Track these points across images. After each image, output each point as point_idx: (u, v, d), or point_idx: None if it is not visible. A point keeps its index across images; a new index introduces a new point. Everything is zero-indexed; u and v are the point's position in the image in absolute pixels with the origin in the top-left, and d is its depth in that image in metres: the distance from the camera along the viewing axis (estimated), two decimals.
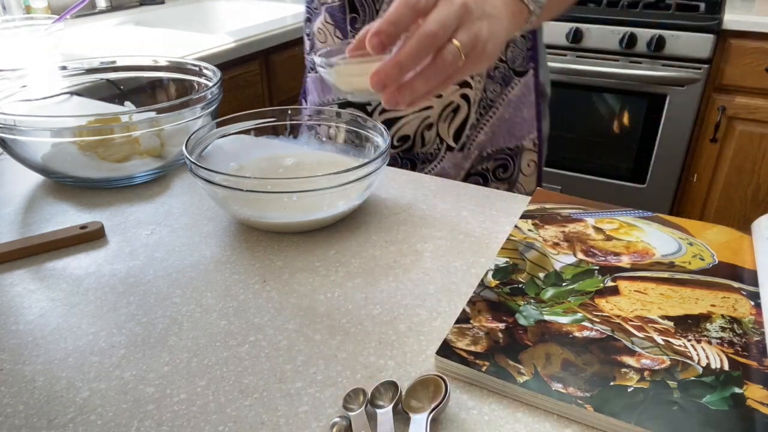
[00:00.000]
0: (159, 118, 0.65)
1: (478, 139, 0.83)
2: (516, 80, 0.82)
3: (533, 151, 0.87)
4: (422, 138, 0.82)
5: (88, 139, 0.66)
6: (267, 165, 0.69)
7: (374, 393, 0.39)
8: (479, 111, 0.81)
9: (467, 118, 0.81)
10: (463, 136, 0.82)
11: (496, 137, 0.84)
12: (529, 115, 0.85)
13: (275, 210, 0.58)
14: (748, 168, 1.85)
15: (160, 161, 0.71)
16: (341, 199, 0.58)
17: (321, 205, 0.58)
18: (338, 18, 0.77)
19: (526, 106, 0.84)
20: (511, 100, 0.82)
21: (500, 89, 0.81)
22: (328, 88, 0.84)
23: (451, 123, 0.81)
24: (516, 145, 0.85)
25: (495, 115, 0.82)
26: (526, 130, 0.85)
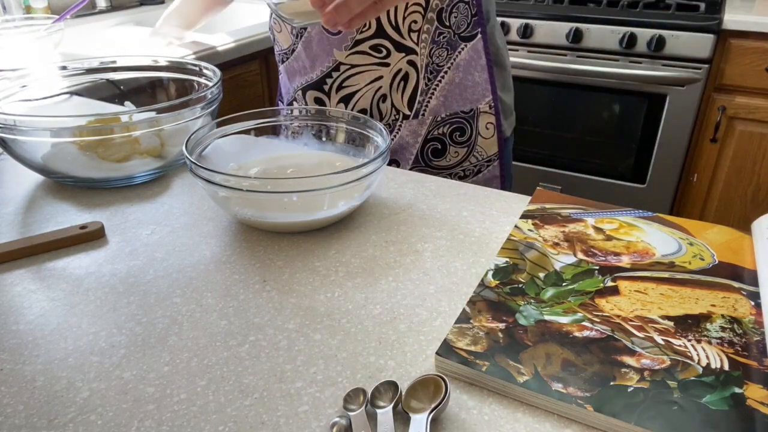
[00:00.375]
0: (159, 118, 0.65)
1: (431, 104, 0.86)
2: (462, 45, 0.84)
3: (490, 113, 0.88)
4: (379, 110, 0.85)
5: (88, 139, 0.66)
6: (267, 165, 0.69)
7: (374, 393, 0.39)
8: (427, 76, 0.84)
9: (417, 84, 0.84)
10: (416, 103, 0.85)
11: (448, 102, 0.86)
12: (481, 78, 0.86)
13: (275, 210, 0.58)
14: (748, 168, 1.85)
15: (160, 161, 0.71)
16: (341, 199, 0.58)
17: (321, 205, 0.58)
18: None
19: (477, 70, 0.86)
20: (459, 64, 0.84)
21: (446, 54, 0.83)
22: (292, 76, 0.89)
23: (404, 92, 0.84)
24: (471, 108, 0.87)
25: (444, 79, 0.85)
26: (480, 93, 0.87)
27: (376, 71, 0.82)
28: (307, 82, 0.87)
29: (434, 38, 0.82)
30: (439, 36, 0.82)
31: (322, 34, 0.81)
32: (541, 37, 1.92)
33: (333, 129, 0.72)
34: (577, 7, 1.89)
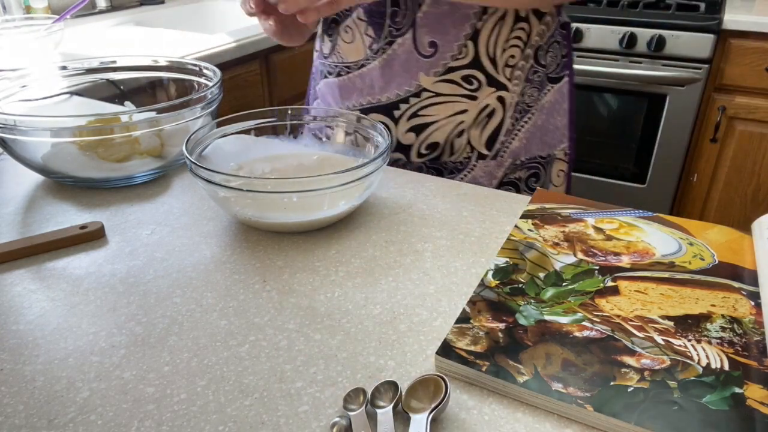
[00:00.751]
0: (159, 118, 0.65)
1: (512, 146, 0.80)
2: (549, 86, 0.80)
3: (563, 161, 0.84)
4: (452, 146, 0.79)
5: (88, 139, 0.66)
6: (267, 165, 0.69)
7: (374, 393, 0.39)
8: (515, 116, 0.78)
9: (502, 123, 0.78)
10: (497, 143, 0.78)
11: (529, 144, 0.81)
12: (561, 123, 0.82)
13: (275, 210, 0.58)
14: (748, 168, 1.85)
15: (160, 161, 0.71)
16: (342, 199, 0.58)
17: (321, 205, 0.58)
18: (375, 14, 0.73)
19: (560, 114, 0.82)
20: (543, 106, 0.80)
21: (537, 94, 0.79)
22: (348, 93, 0.81)
23: (485, 129, 0.78)
24: (548, 153, 0.82)
25: (530, 121, 0.79)
26: (558, 139, 0.83)
27: (462, 104, 0.76)
28: (371, 103, 0.79)
29: (528, 76, 0.78)
30: (533, 74, 0.78)
31: (410, 53, 0.74)
32: None
33: (333, 129, 0.71)
34: (577, 7, 1.89)
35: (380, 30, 0.74)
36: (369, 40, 0.75)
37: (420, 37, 0.72)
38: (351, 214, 0.63)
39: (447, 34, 0.69)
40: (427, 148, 0.79)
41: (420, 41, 0.72)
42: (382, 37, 0.74)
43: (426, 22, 0.71)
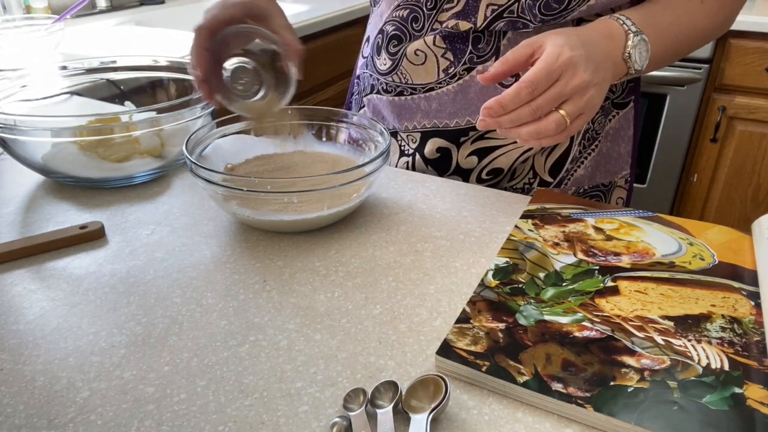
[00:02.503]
0: (159, 118, 0.65)
1: (577, 174, 0.75)
2: (614, 112, 0.76)
3: (623, 188, 0.80)
4: (514, 171, 0.74)
5: (88, 139, 0.66)
6: (267, 164, 0.69)
7: (374, 393, 0.39)
8: (583, 143, 0.74)
9: (569, 150, 0.73)
10: (563, 171, 0.74)
11: (593, 173, 0.77)
12: (624, 150, 0.78)
13: (275, 210, 0.58)
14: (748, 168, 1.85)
15: (160, 161, 0.71)
16: (341, 198, 0.58)
17: (321, 205, 0.58)
18: (456, 40, 0.68)
19: (624, 141, 0.78)
20: (608, 133, 0.76)
21: (604, 121, 0.75)
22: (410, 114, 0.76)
23: (550, 155, 0.73)
24: (610, 181, 0.79)
25: (596, 148, 0.76)
26: (620, 166, 0.79)
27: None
28: (436, 126, 0.74)
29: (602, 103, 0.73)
30: (605, 101, 0.73)
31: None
32: None
33: (333, 129, 0.71)
34: None
35: (461, 55, 0.68)
36: (446, 63, 0.70)
37: None
38: (351, 214, 0.63)
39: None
40: (489, 174, 0.74)
41: None
42: (462, 62, 0.69)
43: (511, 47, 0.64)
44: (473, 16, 0.66)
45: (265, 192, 0.55)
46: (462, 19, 0.66)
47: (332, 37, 1.76)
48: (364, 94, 0.82)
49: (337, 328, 0.47)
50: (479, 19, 0.65)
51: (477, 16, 0.65)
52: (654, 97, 1.86)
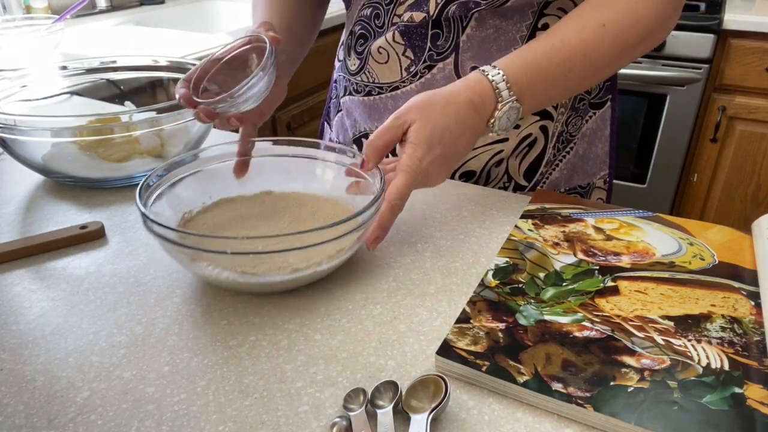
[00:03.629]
0: (159, 118, 0.65)
1: (552, 177, 0.75)
2: (591, 112, 0.75)
3: (603, 189, 0.80)
4: (488, 174, 0.73)
5: (88, 139, 0.66)
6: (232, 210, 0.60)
7: (374, 393, 0.39)
8: (557, 146, 0.73)
9: (543, 153, 0.72)
10: (537, 174, 0.73)
11: (570, 175, 0.76)
12: (602, 150, 0.77)
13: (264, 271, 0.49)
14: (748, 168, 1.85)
15: (160, 161, 0.71)
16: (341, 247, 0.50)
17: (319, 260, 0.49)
18: (414, 36, 0.67)
19: (601, 141, 0.77)
20: (585, 134, 0.75)
21: (580, 122, 0.74)
22: (379, 114, 0.75)
23: (524, 158, 0.72)
24: (588, 183, 0.78)
25: (572, 151, 0.75)
26: (598, 167, 0.78)
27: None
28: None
29: (574, 104, 0.72)
30: (579, 102, 0.73)
31: (451, 79, 0.68)
32: None
33: (304, 162, 0.62)
34: None
35: (420, 52, 0.68)
36: (407, 62, 0.69)
37: (462, 62, 0.67)
38: None
39: (491, 58, 0.63)
40: (462, 176, 0.74)
41: (462, 66, 0.67)
42: (422, 60, 0.68)
43: (470, 46, 0.66)
44: (425, 5, 0.65)
45: (255, 254, 0.46)
46: (416, 10, 0.65)
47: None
48: (340, 97, 0.81)
49: (337, 328, 0.47)
50: (431, 7, 0.64)
51: (429, 5, 0.64)
52: (654, 97, 1.86)
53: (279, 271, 0.48)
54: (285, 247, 0.45)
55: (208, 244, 0.46)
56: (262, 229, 0.57)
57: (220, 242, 0.46)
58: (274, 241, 0.46)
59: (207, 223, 0.58)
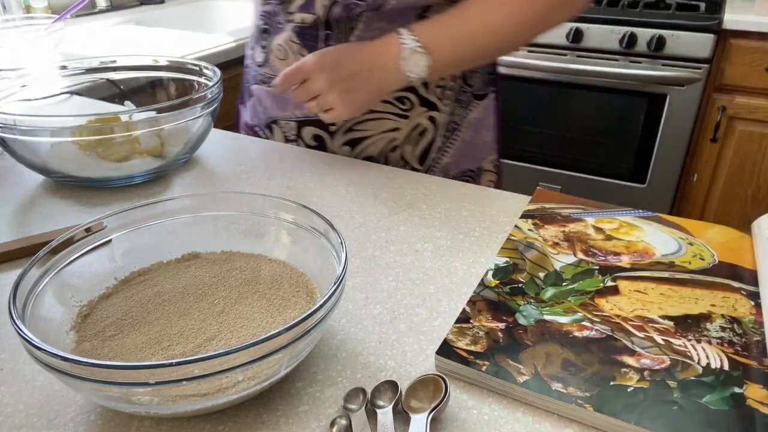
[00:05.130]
0: (159, 117, 0.65)
1: (443, 161, 0.82)
2: (475, 103, 0.82)
3: (492, 172, 0.87)
4: (386, 159, 0.80)
5: (88, 139, 0.66)
6: (141, 290, 0.47)
7: (374, 393, 0.39)
8: (444, 134, 0.81)
9: (433, 141, 0.80)
10: (429, 159, 0.81)
11: (459, 159, 0.83)
12: (489, 137, 0.85)
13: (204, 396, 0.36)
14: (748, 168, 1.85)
15: (160, 161, 0.70)
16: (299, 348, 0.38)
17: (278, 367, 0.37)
18: (308, 37, 0.73)
19: (487, 129, 0.84)
20: (470, 123, 0.82)
21: (464, 112, 0.82)
22: (284, 105, 0.80)
23: (417, 145, 0.80)
24: (477, 166, 0.85)
25: (459, 138, 0.82)
26: (486, 152, 0.86)
27: (394, 122, 0.77)
28: (307, 116, 0.79)
29: (458, 96, 0.80)
30: (462, 94, 0.80)
31: None
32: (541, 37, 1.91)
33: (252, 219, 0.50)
34: None
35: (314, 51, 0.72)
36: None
37: None
38: (350, 215, 0.63)
39: None
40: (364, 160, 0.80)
41: None
42: None
43: None
44: (312, 6, 0.70)
45: (186, 380, 0.33)
46: (306, 12, 0.71)
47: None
48: (250, 84, 0.86)
49: (337, 328, 0.47)
50: (318, 8, 0.70)
51: (316, 6, 0.70)
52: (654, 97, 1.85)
53: (225, 392, 0.36)
54: (232, 363, 0.33)
55: (114, 375, 0.32)
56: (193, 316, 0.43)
57: (134, 373, 0.32)
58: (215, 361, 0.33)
59: (111, 317, 0.43)
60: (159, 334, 0.42)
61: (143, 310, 0.44)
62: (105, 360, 0.39)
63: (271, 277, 0.47)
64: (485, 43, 0.68)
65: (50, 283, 0.42)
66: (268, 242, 0.50)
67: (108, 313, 0.44)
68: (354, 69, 0.65)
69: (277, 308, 0.44)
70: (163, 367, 0.32)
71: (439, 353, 0.42)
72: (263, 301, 0.45)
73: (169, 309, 0.45)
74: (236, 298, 0.45)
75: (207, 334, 0.41)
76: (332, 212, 0.63)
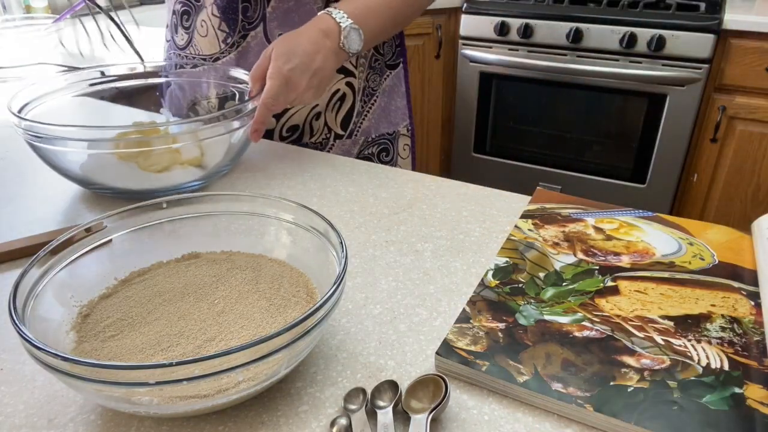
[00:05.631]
0: (200, 128, 0.62)
1: (364, 125, 0.90)
2: (388, 72, 0.91)
3: (407, 136, 0.97)
4: (311, 128, 0.86)
5: (127, 151, 0.62)
6: (141, 291, 0.46)
7: (374, 393, 0.39)
8: (363, 99, 0.88)
9: (353, 106, 0.87)
10: (351, 124, 0.88)
11: (377, 124, 0.92)
12: (401, 104, 0.94)
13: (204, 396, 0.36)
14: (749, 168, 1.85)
15: (201, 171, 0.67)
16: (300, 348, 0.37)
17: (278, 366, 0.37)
18: (228, 9, 0.78)
19: (399, 96, 0.94)
20: (385, 90, 0.91)
21: (378, 79, 0.90)
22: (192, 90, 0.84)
23: (338, 112, 0.86)
24: (394, 131, 0.94)
25: (376, 103, 0.90)
26: (400, 117, 0.95)
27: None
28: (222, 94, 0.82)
29: (371, 63, 0.88)
30: (375, 62, 0.88)
31: (263, 45, 0.79)
32: (541, 37, 1.91)
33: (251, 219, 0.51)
34: (577, 7, 1.89)
35: (234, 24, 0.79)
36: (223, 35, 0.81)
37: (271, 30, 0.79)
38: (350, 215, 0.63)
39: (295, 26, 0.74)
40: (288, 131, 0.86)
41: (271, 34, 0.79)
42: (236, 31, 0.79)
43: (275, 16, 0.78)
44: None
45: (186, 380, 0.33)
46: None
47: None
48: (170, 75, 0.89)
49: (337, 328, 0.47)
50: None
51: None
52: (654, 97, 1.86)
53: (225, 393, 0.36)
54: (232, 363, 0.33)
55: (115, 375, 0.32)
56: (193, 316, 0.43)
57: (134, 373, 0.32)
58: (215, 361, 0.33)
59: (111, 317, 0.43)
60: (159, 334, 0.42)
61: (143, 311, 0.44)
62: (105, 360, 0.39)
63: (271, 277, 0.47)
64: (399, 8, 0.76)
65: (50, 283, 0.42)
66: (268, 242, 0.51)
67: (108, 313, 0.44)
68: (314, 65, 0.68)
69: (277, 308, 0.44)
70: (163, 367, 0.32)
71: (439, 353, 0.42)
72: (263, 301, 0.45)
73: (169, 309, 0.44)
74: (236, 298, 0.45)
75: (207, 335, 0.41)
76: (332, 212, 0.63)
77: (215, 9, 0.79)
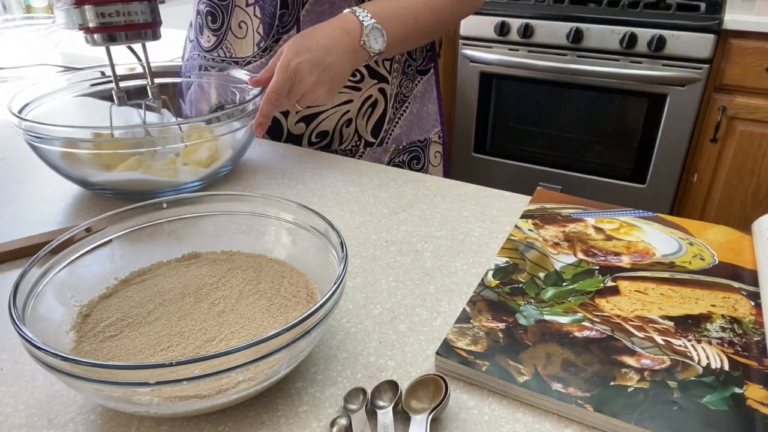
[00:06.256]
0: (209, 127, 0.63)
1: (395, 133, 0.88)
2: (419, 78, 0.89)
3: (438, 143, 0.94)
4: (341, 134, 0.84)
5: (128, 152, 0.62)
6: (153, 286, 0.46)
7: (374, 393, 0.39)
8: (395, 105, 0.86)
9: (384, 112, 0.85)
10: (382, 131, 0.86)
11: (409, 131, 0.90)
12: (432, 110, 0.93)
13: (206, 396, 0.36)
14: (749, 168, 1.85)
15: (206, 171, 0.67)
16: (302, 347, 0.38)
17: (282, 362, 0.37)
18: (268, 13, 0.77)
19: (430, 102, 0.92)
20: (416, 96, 0.89)
21: (411, 85, 0.88)
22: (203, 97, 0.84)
23: (369, 118, 0.84)
24: (425, 138, 0.92)
25: (407, 110, 0.88)
26: (431, 124, 0.93)
27: (347, 94, 0.81)
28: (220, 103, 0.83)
29: (404, 69, 0.86)
30: (408, 68, 0.86)
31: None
32: (542, 37, 1.91)
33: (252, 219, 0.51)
34: (578, 7, 1.89)
35: (269, 29, 0.78)
36: (258, 38, 0.79)
37: None
38: (350, 215, 0.63)
39: None
40: (318, 137, 0.84)
41: None
42: (271, 36, 0.79)
43: (308, 19, 0.77)
44: None
45: (186, 380, 0.33)
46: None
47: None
48: (192, 75, 0.88)
49: (337, 328, 0.47)
50: None
51: None
52: (654, 97, 1.85)
53: (225, 393, 0.36)
54: (232, 363, 0.33)
55: (114, 375, 0.32)
56: (193, 317, 0.43)
57: (134, 373, 0.32)
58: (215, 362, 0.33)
59: (112, 317, 0.43)
60: (159, 334, 0.42)
61: (143, 311, 0.44)
62: (105, 360, 0.39)
63: (272, 277, 0.47)
64: (427, 20, 0.74)
65: (50, 283, 0.42)
66: (268, 242, 0.51)
67: (108, 313, 0.44)
68: (327, 60, 0.66)
69: (277, 308, 0.44)
70: (163, 367, 0.32)
71: (439, 353, 0.42)
72: (263, 301, 0.45)
73: (169, 309, 0.44)
74: (236, 298, 0.45)
75: (207, 335, 0.41)
76: (332, 212, 0.63)
77: (257, 10, 0.78)
